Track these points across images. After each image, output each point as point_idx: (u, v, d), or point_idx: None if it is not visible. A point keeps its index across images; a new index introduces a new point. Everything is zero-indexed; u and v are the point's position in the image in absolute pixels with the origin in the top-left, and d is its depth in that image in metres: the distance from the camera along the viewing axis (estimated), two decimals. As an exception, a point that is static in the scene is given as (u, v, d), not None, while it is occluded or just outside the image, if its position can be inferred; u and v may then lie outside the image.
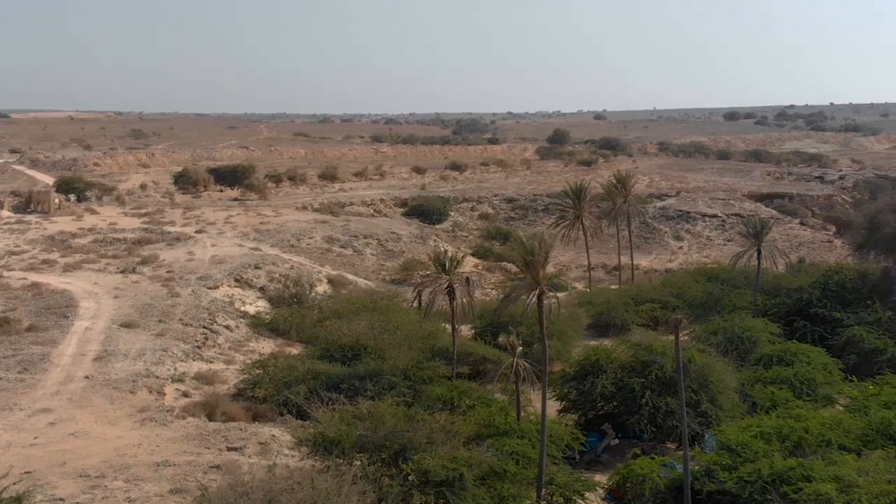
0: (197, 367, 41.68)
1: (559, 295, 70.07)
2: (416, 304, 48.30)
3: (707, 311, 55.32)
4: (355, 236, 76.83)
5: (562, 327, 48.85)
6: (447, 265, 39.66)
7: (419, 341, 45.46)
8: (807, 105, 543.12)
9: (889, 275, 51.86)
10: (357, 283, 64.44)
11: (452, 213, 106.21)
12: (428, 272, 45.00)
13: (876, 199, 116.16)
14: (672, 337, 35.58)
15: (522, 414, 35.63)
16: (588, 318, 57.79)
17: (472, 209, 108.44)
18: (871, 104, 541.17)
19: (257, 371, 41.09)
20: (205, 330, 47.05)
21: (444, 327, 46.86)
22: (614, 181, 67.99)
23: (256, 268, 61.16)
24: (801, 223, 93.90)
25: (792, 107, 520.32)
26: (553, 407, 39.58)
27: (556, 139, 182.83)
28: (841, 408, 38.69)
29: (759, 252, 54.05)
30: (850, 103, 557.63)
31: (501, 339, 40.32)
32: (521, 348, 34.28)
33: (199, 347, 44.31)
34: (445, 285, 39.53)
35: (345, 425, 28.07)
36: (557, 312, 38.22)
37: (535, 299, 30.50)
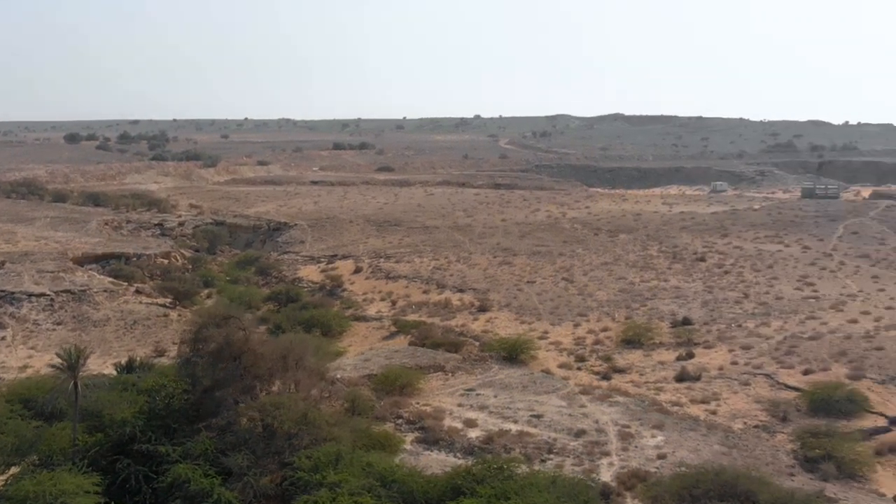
0: None
1: None
2: None
3: (22, 456, 48.36)
4: None
5: None
6: None
7: None
8: (151, 121, 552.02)
9: (213, 392, 50.76)
10: None
11: None
12: None
13: (215, 249, 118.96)
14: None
15: None
16: None
17: None
18: (213, 121, 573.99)
19: None
20: None
21: None
22: None
23: None
24: (138, 291, 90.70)
25: (137, 122, 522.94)
26: None
27: None
28: None
29: (76, 385, 48.60)
30: (194, 119, 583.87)
31: None
32: None
33: None
34: None
35: None
36: None
37: None
